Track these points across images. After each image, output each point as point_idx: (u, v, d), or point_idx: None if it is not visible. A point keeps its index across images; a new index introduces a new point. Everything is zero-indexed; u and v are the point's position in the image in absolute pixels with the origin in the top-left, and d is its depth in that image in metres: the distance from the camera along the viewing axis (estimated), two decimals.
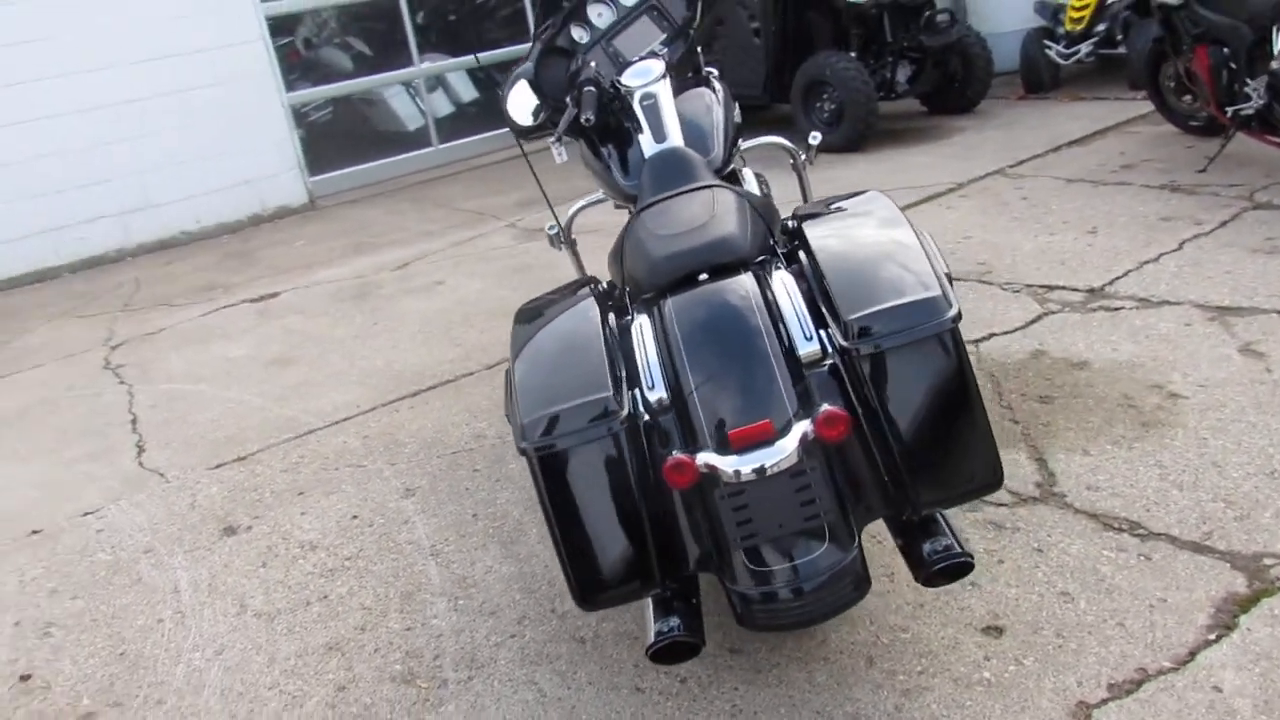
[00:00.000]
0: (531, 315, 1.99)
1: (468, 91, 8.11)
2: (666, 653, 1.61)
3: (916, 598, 1.99)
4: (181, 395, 3.75)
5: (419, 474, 2.83)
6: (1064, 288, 3.39)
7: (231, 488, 2.93)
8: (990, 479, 1.63)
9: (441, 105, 7.98)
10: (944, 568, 1.60)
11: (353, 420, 3.27)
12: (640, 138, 2.54)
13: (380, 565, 2.40)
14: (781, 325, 1.71)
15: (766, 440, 1.57)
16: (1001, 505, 2.26)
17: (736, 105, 2.80)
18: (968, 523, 2.21)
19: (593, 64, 2.65)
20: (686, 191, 2.04)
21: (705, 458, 1.57)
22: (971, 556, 1.61)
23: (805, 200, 3.20)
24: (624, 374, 1.73)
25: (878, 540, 2.15)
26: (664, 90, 2.60)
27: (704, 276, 1.80)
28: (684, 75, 2.85)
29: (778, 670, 1.86)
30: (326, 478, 2.89)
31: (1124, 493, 2.23)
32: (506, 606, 2.18)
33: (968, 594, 1.99)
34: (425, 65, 7.61)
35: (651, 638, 1.62)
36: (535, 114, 2.77)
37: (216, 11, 6.27)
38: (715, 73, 3.08)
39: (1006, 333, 3.13)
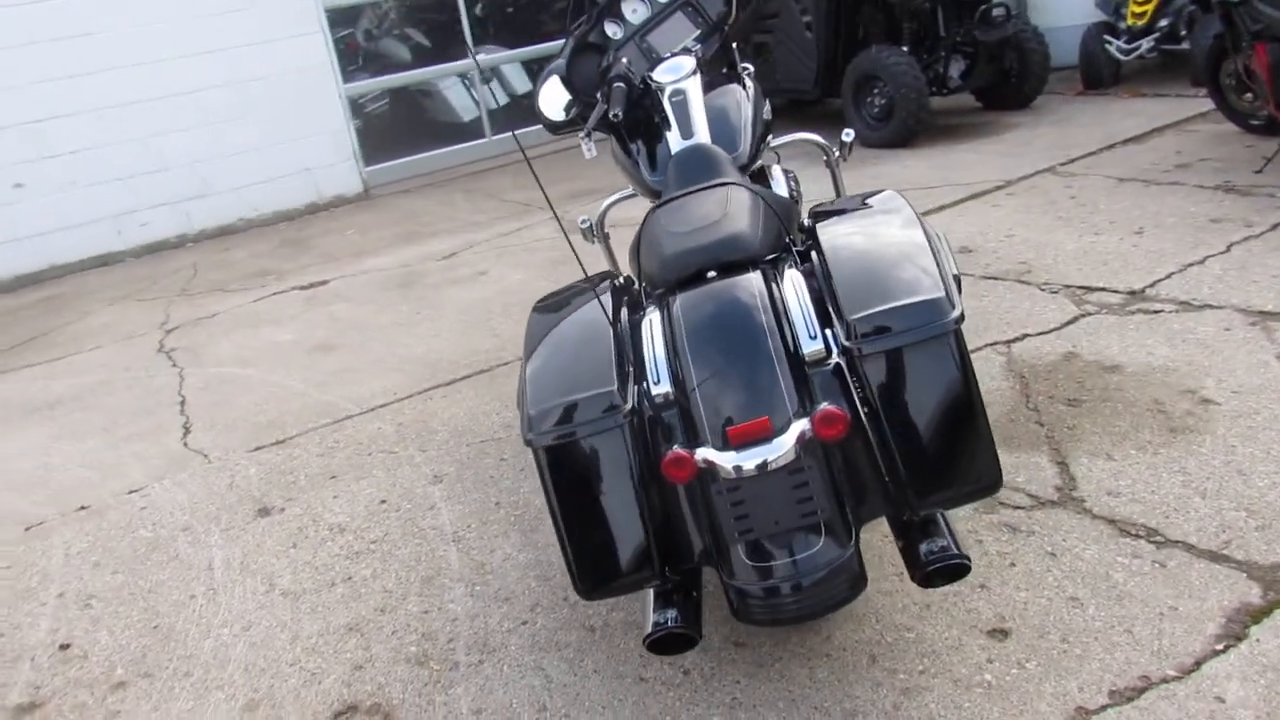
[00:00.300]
0: (548, 308, 2.03)
1: (522, 83, 8.19)
2: (663, 644, 1.64)
3: (924, 598, 1.99)
4: (229, 379, 3.87)
5: (448, 461, 2.89)
6: (1103, 289, 3.33)
7: (269, 470, 3.03)
8: (989, 481, 1.63)
9: (496, 97, 8.08)
10: (939, 569, 1.61)
11: (388, 407, 3.35)
12: (668, 134, 2.57)
13: (404, 549, 2.47)
14: (787, 324, 1.72)
15: (764, 437, 1.59)
16: (1018, 508, 2.24)
17: (767, 102, 2.81)
18: (983, 524, 2.20)
19: (625, 60, 2.68)
20: (702, 189, 2.06)
21: (704, 453, 1.59)
22: (968, 559, 1.61)
23: (838, 197, 3.19)
24: (632, 369, 1.76)
25: (890, 540, 2.15)
26: (694, 87, 2.62)
27: (712, 274, 1.82)
28: (717, 71, 2.87)
29: (780, 665, 1.88)
30: (359, 462, 2.98)
31: (1144, 499, 2.20)
32: (521, 593, 2.23)
33: (976, 596, 1.98)
34: (481, 57, 7.71)
35: (649, 628, 1.65)
36: (567, 109, 2.81)
37: (277, 5, 6.43)
38: (750, 69, 3.09)
39: (1041, 334, 3.09)
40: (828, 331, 1.68)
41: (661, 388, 1.71)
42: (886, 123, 5.78)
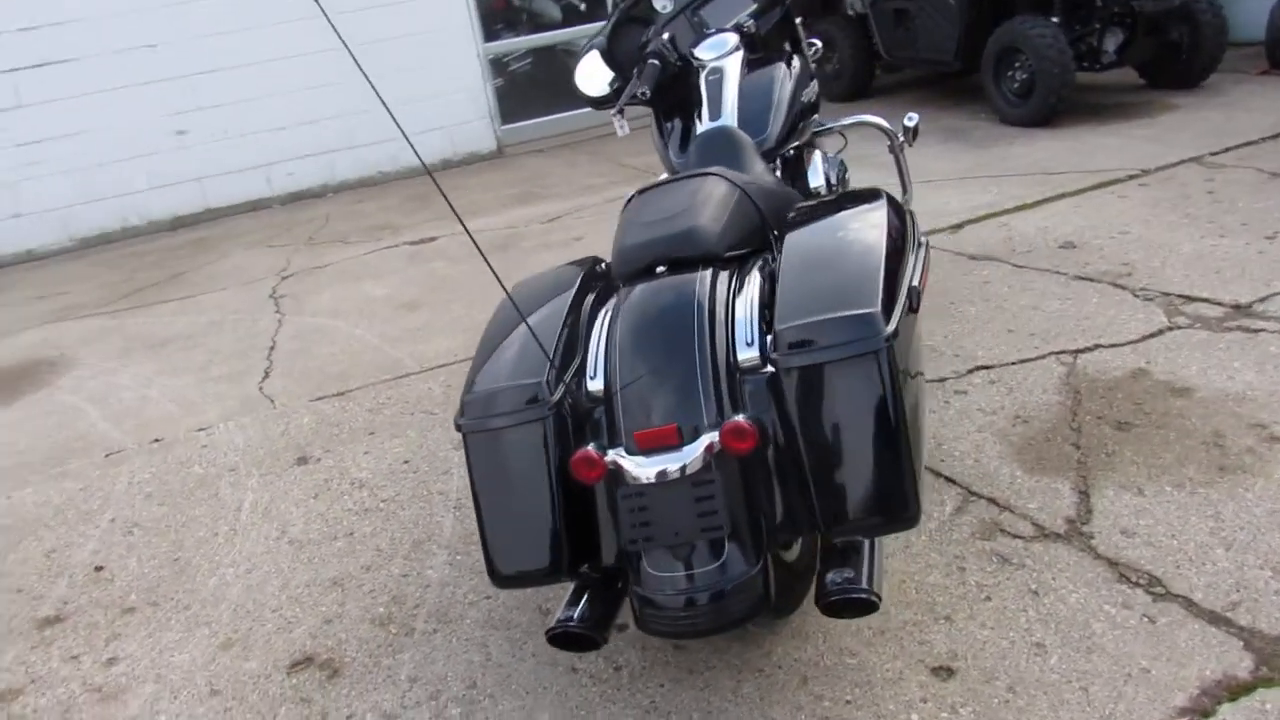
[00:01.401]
0: (522, 289, 2.02)
1: None
2: (564, 640, 1.63)
3: (881, 624, 1.89)
4: (318, 329, 4.08)
5: None
6: (1205, 300, 3.01)
7: (320, 420, 3.18)
8: (902, 515, 1.51)
9: None
10: (837, 601, 1.52)
11: (445, 368, 3.45)
12: (698, 114, 2.49)
13: (407, 511, 2.55)
14: (729, 328, 1.65)
15: (672, 445, 1.53)
16: (1018, 537, 2.08)
17: (814, 83, 2.69)
18: (972, 550, 2.05)
19: (665, 35, 2.60)
20: (681, 178, 1.99)
21: (614, 455, 1.56)
22: (872, 595, 1.51)
23: (903, 188, 3.02)
24: (579, 361, 1.74)
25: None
26: (732, 65, 2.54)
27: (662, 269, 1.77)
28: (777, 48, 2.75)
29: (709, 674, 1.83)
30: (399, 421, 3.08)
31: (1160, 543, 1.99)
32: None
33: (936, 627, 1.86)
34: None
35: (552, 621, 1.64)
36: (612, 84, 2.77)
37: None
38: (817, 45, 2.96)
39: (1114, 346, 2.83)
40: (768, 339, 1.60)
41: (596, 384, 1.68)
42: (1026, 100, 5.39)
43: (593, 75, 2.70)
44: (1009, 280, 3.41)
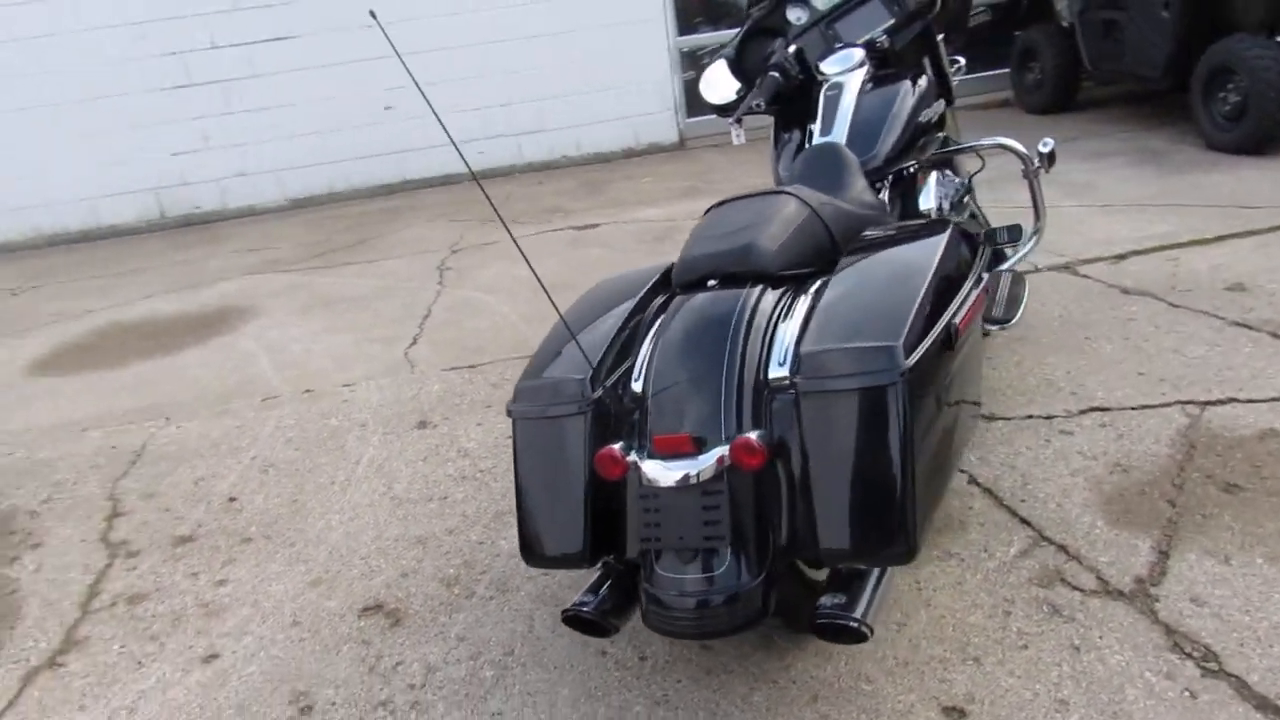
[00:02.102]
0: (600, 288, 2.13)
1: None
2: (576, 622, 1.73)
3: (909, 656, 1.87)
4: (470, 302, 4.35)
5: None
6: None
7: (447, 389, 3.42)
8: (892, 550, 1.51)
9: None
10: (825, 625, 1.54)
11: None
12: (812, 128, 2.51)
13: (498, 484, 2.72)
14: (769, 345, 1.69)
15: (687, 453, 1.60)
16: (1078, 589, 2.00)
17: (940, 104, 2.63)
18: (1027, 595, 1.99)
19: (791, 48, 2.62)
20: (755, 195, 2.02)
21: (635, 456, 1.64)
22: (863, 625, 1.52)
23: (1036, 214, 2.92)
24: (631, 363, 1.83)
25: (906, 583, 2.04)
26: (853, 81, 2.54)
27: (713, 282, 1.82)
28: (912, 64, 2.72)
29: (726, 677, 1.88)
30: None
31: (1230, 617, 1.86)
32: None
33: (962, 668, 1.83)
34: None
35: (569, 604, 1.75)
36: (737, 93, 2.81)
37: None
38: (961, 64, 2.89)
39: (1251, 401, 2.62)
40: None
41: (637, 386, 1.76)
42: (1236, 124, 4.97)
43: (717, 83, 2.76)
44: (1158, 319, 3.21)
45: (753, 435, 1.56)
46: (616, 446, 1.65)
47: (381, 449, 3.02)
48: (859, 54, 2.63)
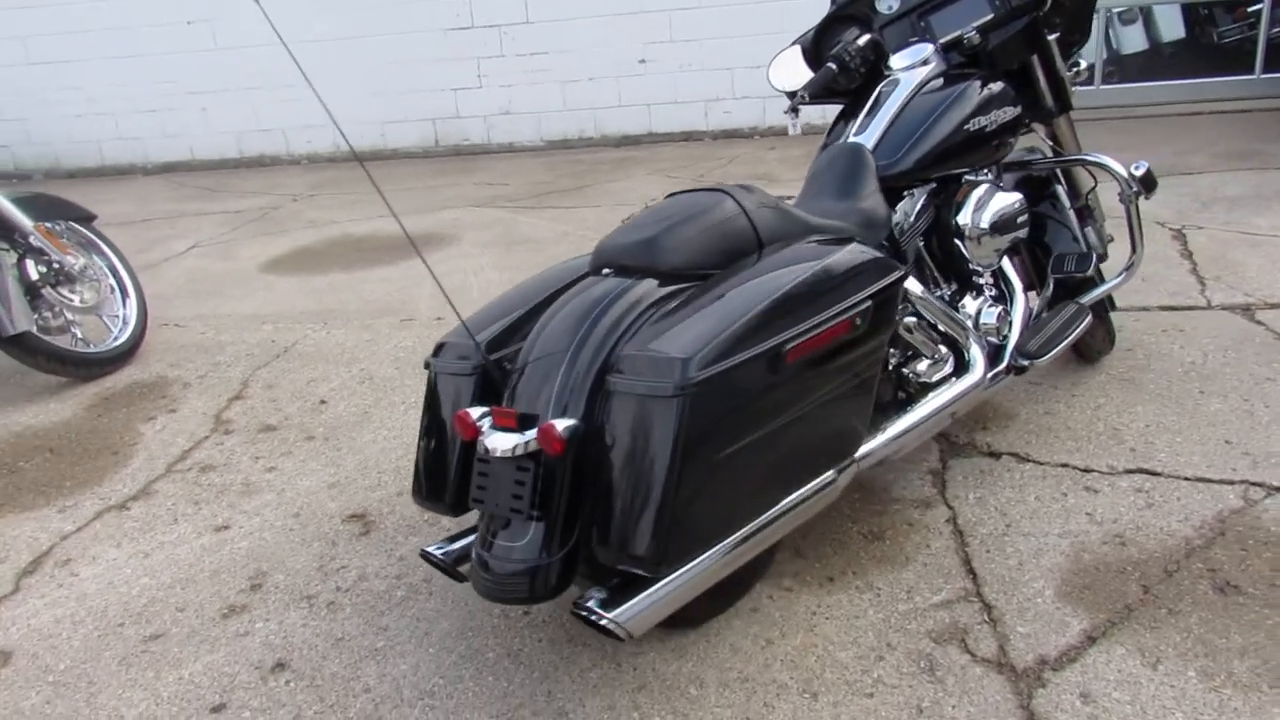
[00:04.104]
0: (562, 264, 2.22)
1: (1172, 29, 7.08)
2: (432, 561, 1.89)
3: (754, 673, 1.85)
4: None
5: None
6: None
7: None
8: (645, 560, 1.53)
9: (1132, 41, 7.13)
10: (580, 613, 1.58)
11: None
12: (851, 125, 2.42)
13: None
14: (621, 339, 1.72)
15: (512, 427, 1.69)
16: (969, 653, 1.85)
17: (1005, 110, 2.40)
18: (912, 646, 1.88)
19: (862, 39, 2.50)
20: (695, 191, 1.99)
21: (483, 422, 1.76)
22: (613, 624, 1.56)
23: (1133, 246, 2.61)
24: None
25: (802, 605, 1.99)
26: (911, 79, 2.42)
27: (607, 271, 1.86)
28: (1009, 64, 2.52)
29: (576, 650, 1.95)
30: None
31: (1116, 713, 1.66)
32: None
33: (795, 699, 1.78)
34: None
35: (429, 546, 1.92)
36: (812, 79, 2.72)
37: None
38: (1081, 65, 2.63)
39: None
40: None
41: (523, 356, 1.87)
42: None
43: (785, 69, 2.68)
44: None
45: (558, 423, 1.62)
46: (474, 410, 1.77)
47: None
48: (928, 50, 2.45)
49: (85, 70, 7.87)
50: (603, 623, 1.56)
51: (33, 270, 3.49)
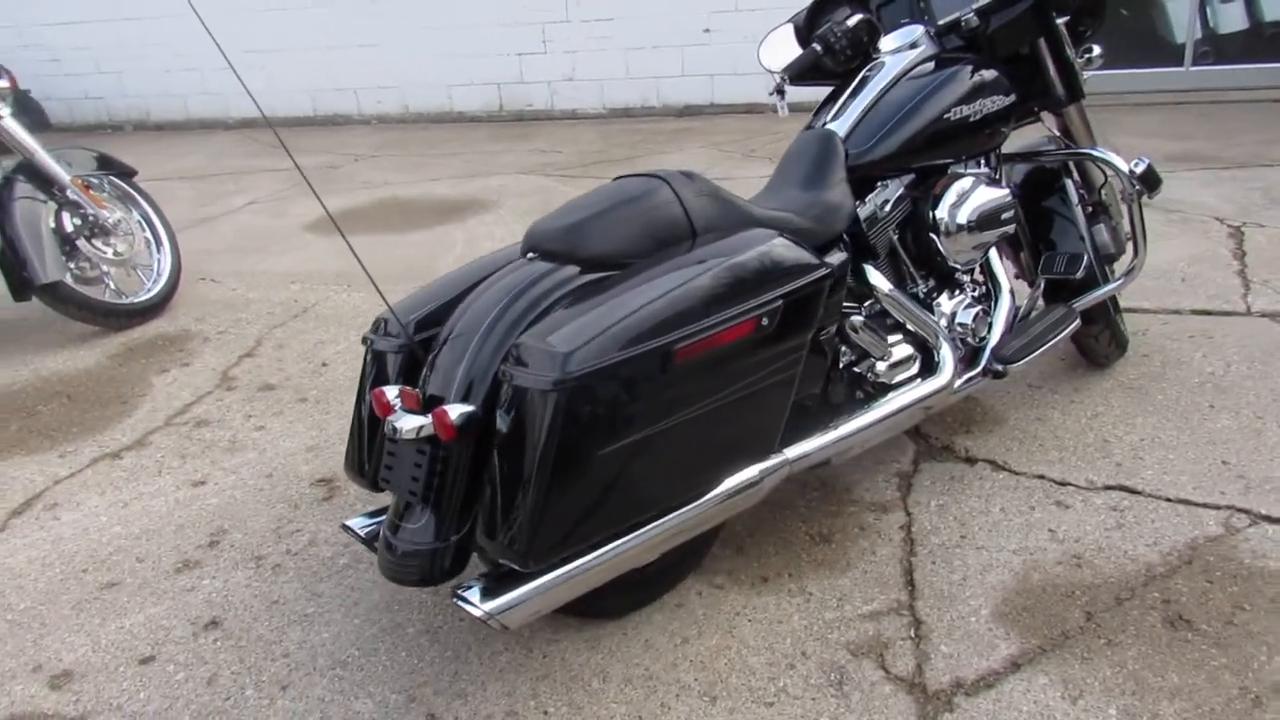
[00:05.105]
0: (509, 247, 2.19)
1: (1277, 8, 6.59)
2: (350, 532, 1.91)
3: (660, 671, 1.82)
4: None
5: None
6: None
7: None
8: (515, 555, 1.50)
9: (1230, 19, 6.66)
10: (458, 599, 1.57)
11: None
12: (830, 110, 2.33)
13: None
14: (529, 326, 1.70)
15: (415, 409, 1.68)
16: (884, 669, 1.78)
17: (993, 100, 2.28)
18: (827, 658, 1.82)
19: (852, 20, 2.38)
20: (632, 176, 1.92)
21: (396, 401, 1.76)
22: (484, 614, 1.54)
23: (1135, 247, 2.46)
24: None
25: (729, 604, 1.94)
26: (898, 63, 2.31)
27: (532, 255, 1.83)
28: (1013, 48, 2.38)
29: (492, 632, 1.96)
30: None
31: None
32: None
33: (691, 702, 1.74)
34: None
35: (353, 516, 1.94)
36: (792, 60, 2.60)
37: None
38: (1095, 51, 2.47)
39: None
40: None
41: (441, 337, 1.86)
42: None
43: (775, 48, 2.58)
44: None
45: (451, 409, 1.60)
46: (389, 390, 1.76)
47: None
48: (918, 32, 2.33)
49: (173, 26, 8.12)
50: (476, 613, 1.55)
51: (68, 222, 3.63)
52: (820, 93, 2.57)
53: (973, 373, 2.28)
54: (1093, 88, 2.58)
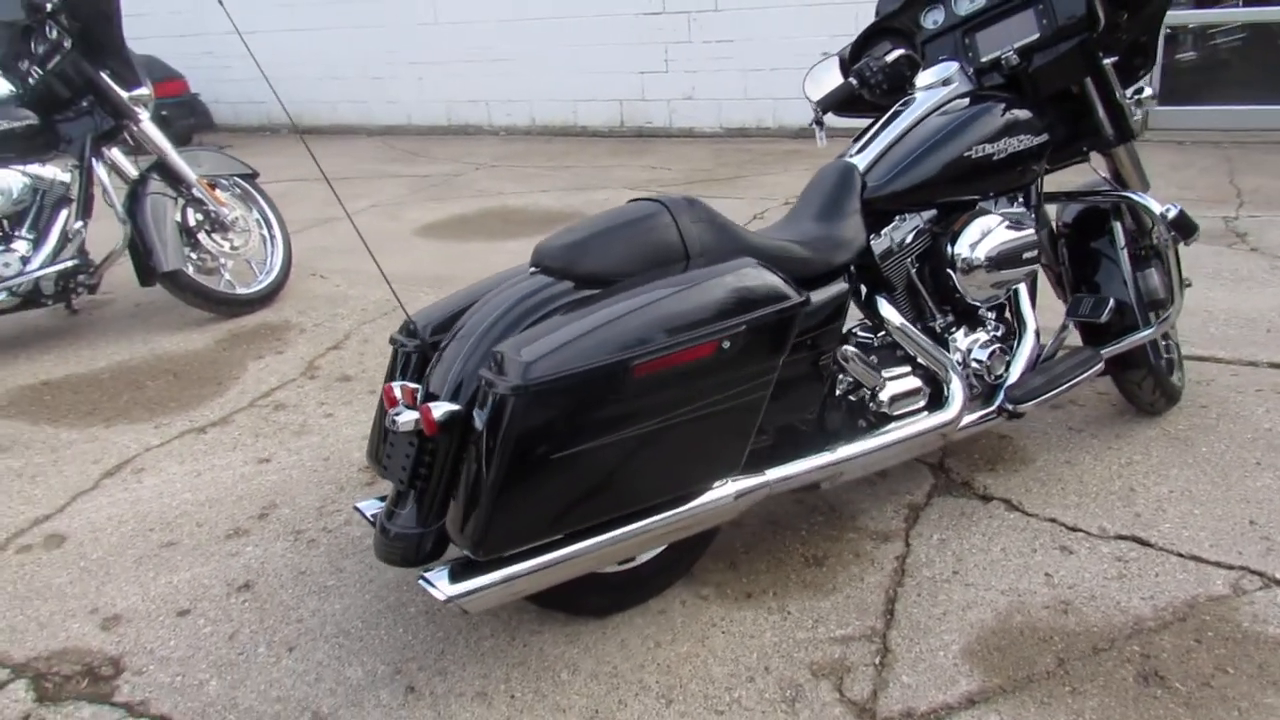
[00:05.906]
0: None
1: None
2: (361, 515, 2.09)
3: (626, 671, 1.91)
4: None
5: None
6: None
7: None
8: (469, 542, 1.64)
9: None
10: (422, 579, 1.71)
11: None
12: (858, 143, 2.38)
13: None
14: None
15: (410, 405, 1.84)
16: (840, 693, 1.82)
17: (1022, 139, 2.28)
18: (787, 676, 1.87)
19: (891, 55, 2.42)
20: (640, 200, 2.02)
21: (399, 394, 1.92)
22: (448, 597, 1.67)
23: (1170, 290, 2.40)
24: None
25: (711, 614, 2.02)
26: (929, 98, 2.34)
27: (533, 270, 1.96)
28: (1057, 88, 2.38)
29: (478, 618, 2.09)
30: None
31: None
32: None
33: (648, 702, 1.83)
34: None
35: (364, 500, 2.12)
36: (828, 92, 2.64)
37: None
38: (1147, 91, 2.45)
39: None
40: None
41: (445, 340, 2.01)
42: None
43: (819, 79, 2.63)
44: None
45: (436, 406, 1.75)
46: (397, 386, 1.93)
47: None
48: (952, 69, 2.34)
49: (327, 38, 8.71)
50: (439, 596, 1.68)
51: (191, 217, 4.01)
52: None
53: (986, 410, 2.27)
54: (1232, 122, 2.48)
